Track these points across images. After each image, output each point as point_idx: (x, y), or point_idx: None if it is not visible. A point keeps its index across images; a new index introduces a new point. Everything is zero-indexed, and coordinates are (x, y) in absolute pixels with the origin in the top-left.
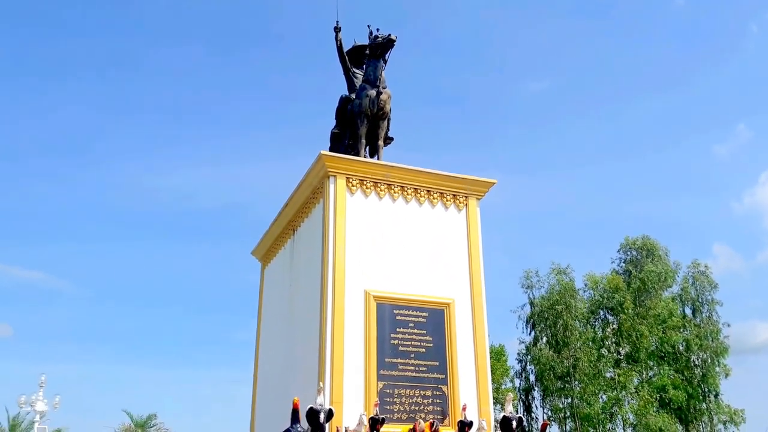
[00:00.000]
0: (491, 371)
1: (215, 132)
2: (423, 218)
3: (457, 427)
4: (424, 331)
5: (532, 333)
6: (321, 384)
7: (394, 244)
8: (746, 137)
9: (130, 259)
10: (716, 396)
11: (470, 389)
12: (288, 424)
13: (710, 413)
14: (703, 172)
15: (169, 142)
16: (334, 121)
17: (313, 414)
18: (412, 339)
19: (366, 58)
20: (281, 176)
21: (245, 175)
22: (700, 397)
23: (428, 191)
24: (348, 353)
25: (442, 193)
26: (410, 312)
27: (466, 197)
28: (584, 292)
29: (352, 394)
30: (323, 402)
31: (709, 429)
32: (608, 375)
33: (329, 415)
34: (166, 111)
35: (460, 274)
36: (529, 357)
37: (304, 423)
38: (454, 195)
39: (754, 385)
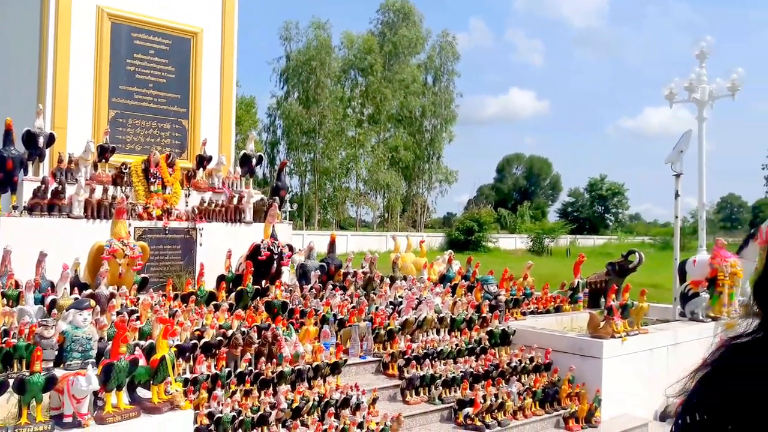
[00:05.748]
0: (239, 123)
1: None
2: None
3: (195, 161)
4: (167, 60)
5: (285, 87)
6: (40, 106)
7: None
8: None
9: None
10: (438, 158)
11: (212, 126)
12: None
13: (431, 173)
14: None
15: None
16: None
17: (30, 137)
18: (151, 68)
19: None
20: None
21: None
22: (425, 158)
23: None
24: (74, 75)
25: None
26: (151, 37)
27: None
28: (340, 50)
29: (78, 120)
30: (42, 126)
31: (427, 186)
32: (350, 134)
33: (50, 139)
34: None
35: (212, 1)
36: (278, 111)
37: (20, 147)
38: None
39: (471, 152)
